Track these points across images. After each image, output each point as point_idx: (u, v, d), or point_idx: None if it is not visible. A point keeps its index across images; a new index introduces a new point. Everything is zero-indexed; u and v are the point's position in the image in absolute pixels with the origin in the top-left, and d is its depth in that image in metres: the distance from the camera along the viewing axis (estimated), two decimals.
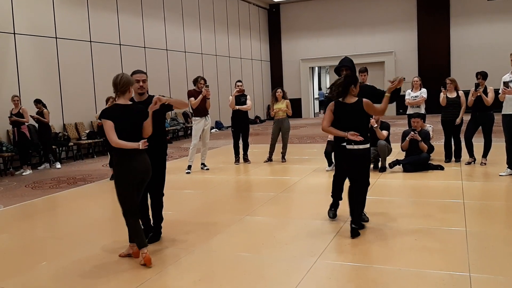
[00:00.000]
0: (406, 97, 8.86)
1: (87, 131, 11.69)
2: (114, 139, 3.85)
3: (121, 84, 3.96)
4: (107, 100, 8.43)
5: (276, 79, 22.13)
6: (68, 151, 11.30)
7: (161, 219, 4.63)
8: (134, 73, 4.35)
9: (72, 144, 11.13)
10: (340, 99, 4.51)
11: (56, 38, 11.14)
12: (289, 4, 21.73)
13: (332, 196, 5.12)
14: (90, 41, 12.08)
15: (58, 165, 10.07)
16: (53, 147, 10.25)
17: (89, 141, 11.47)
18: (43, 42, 10.86)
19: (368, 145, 4.50)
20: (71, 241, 4.95)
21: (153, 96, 4.25)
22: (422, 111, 8.64)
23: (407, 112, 8.85)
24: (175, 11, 15.70)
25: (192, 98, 8.39)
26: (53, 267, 4.16)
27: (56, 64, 11.16)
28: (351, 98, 4.48)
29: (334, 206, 5.14)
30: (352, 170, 4.61)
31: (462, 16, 18.86)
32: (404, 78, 4.73)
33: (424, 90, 8.77)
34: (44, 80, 10.87)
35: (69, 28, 11.46)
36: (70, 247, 4.71)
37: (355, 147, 4.43)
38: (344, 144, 4.46)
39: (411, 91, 8.86)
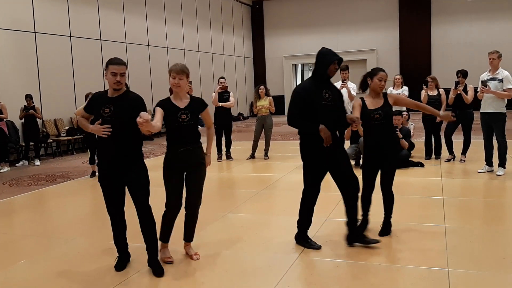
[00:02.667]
0: None
1: (66, 128, 11.52)
2: None
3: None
4: (86, 96, 8.30)
5: (259, 76, 22.11)
6: (47, 147, 11.12)
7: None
8: (111, 62, 3.59)
9: (51, 140, 10.96)
10: None
11: (35, 32, 10.93)
12: (272, 1, 21.72)
13: None
14: (70, 36, 11.88)
15: (37, 162, 9.90)
16: (31, 143, 10.08)
17: (69, 137, 11.30)
18: (22, 37, 10.65)
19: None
20: (50, 239, 4.88)
21: (130, 91, 3.86)
22: (404, 108, 8.74)
23: None
24: (157, 6, 15.54)
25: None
26: (31, 265, 4.09)
27: (35, 59, 10.95)
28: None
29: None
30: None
31: (442, 15, 19.12)
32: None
33: (405, 88, 8.86)
34: (23, 75, 10.66)
35: (48, 23, 11.25)
36: (49, 245, 4.64)
37: None
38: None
39: (393, 88, 8.95)
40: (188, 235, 4.06)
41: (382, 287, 3.35)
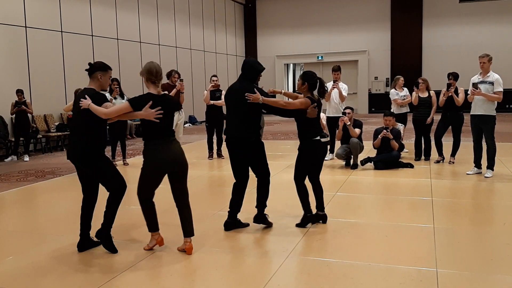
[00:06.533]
0: (395, 97, 8.87)
1: (56, 123, 11.42)
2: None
3: (159, 73, 4.00)
4: (75, 92, 8.24)
5: None
6: (36, 143, 11.02)
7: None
8: (108, 68, 4.12)
9: (40, 136, 10.86)
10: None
11: (25, 27, 10.82)
12: (265, 0, 21.73)
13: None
14: (61, 31, 11.78)
15: (26, 158, 9.80)
16: (21, 139, 9.98)
17: (58, 133, 11.21)
18: (12, 31, 10.53)
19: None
20: (38, 235, 4.84)
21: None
22: (393, 109, 8.78)
23: (396, 112, 8.72)
24: (149, 2, 15.46)
25: (166, 92, 8.29)
26: (19, 261, 4.05)
27: (26, 54, 10.84)
28: None
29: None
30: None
31: (434, 17, 19.25)
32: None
33: (406, 90, 8.99)
34: (13, 70, 10.55)
35: (39, 17, 11.14)
36: (38, 241, 4.61)
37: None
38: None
39: (395, 89, 8.96)
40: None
41: (372, 287, 3.37)
